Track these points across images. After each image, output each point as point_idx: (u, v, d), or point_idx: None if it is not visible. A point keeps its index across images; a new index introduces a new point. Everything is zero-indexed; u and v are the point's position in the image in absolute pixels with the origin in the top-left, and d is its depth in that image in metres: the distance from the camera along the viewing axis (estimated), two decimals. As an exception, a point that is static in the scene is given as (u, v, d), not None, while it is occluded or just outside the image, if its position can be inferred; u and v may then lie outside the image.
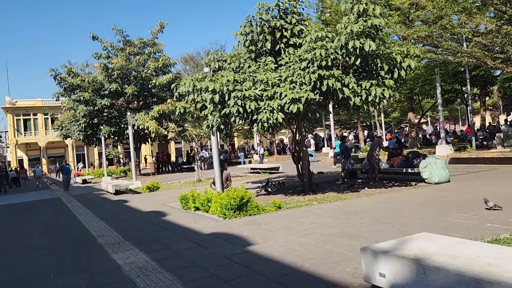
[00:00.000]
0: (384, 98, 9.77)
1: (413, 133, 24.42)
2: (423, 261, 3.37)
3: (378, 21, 9.33)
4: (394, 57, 10.09)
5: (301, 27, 11.01)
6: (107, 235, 8.21)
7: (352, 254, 5.21)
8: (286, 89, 9.29)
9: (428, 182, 11.40)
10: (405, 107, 32.18)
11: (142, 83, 28.16)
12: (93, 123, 28.04)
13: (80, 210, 12.93)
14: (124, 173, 32.59)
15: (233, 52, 12.20)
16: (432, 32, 16.80)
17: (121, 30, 28.24)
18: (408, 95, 23.69)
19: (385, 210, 8.03)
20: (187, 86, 10.99)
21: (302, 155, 11.73)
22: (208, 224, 8.23)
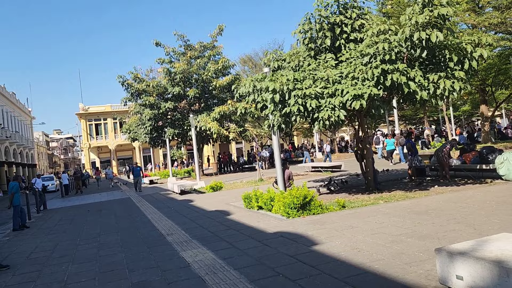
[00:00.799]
0: (454, 91, 9.22)
1: (487, 126, 22.86)
2: (505, 263, 3.13)
3: (446, 10, 8.83)
4: (464, 47, 9.50)
5: (361, 21, 10.72)
6: (175, 233, 8.53)
7: (424, 256, 4.98)
8: (347, 85, 9.08)
9: (505, 179, 10.63)
10: (477, 100, 30.19)
11: (203, 86, 28.96)
12: (158, 126, 29.30)
13: (149, 209, 13.55)
14: (188, 173, 33.70)
15: (292, 51, 12.16)
16: (505, 18, 15.62)
17: (182, 35, 29.24)
18: (480, 86, 22.22)
19: (458, 209, 7.59)
20: (247, 86, 11.11)
21: (365, 153, 11.42)
22: (271, 223, 8.27)
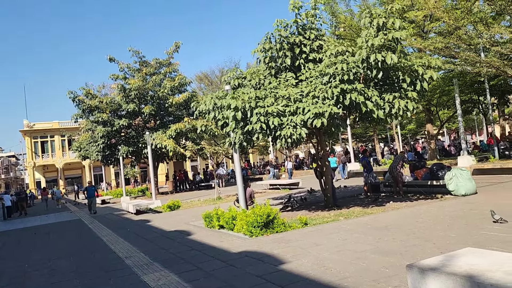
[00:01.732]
0: (408, 111, 9.68)
1: (432, 144, 24.10)
2: (476, 278, 3.25)
3: (399, 34, 9.31)
4: (416, 69, 10.02)
5: (320, 42, 11.06)
6: (134, 256, 8.19)
7: (390, 272, 5.08)
8: (308, 104, 9.27)
9: (454, 194, 11.18)
10: (422, 119, 31.87)
11: (159, 103, 28.51)
12: (111, 144, 28.37)
13: (103, 231, 12.96)
14: (142, 192, 32.74)
15: (253, 69, 12.28)
16: (448, 43, 16.70)
17: (137, 51, 28.78)
18: (426, 106, 23.49)
19: (415, 225, 7.86)
20: (208, 104, 11.06)
21: (325, 170, 11.63)
22: (235, 243, 8.15)
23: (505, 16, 16.78)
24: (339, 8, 23.10)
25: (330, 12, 23.05)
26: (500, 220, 7.09)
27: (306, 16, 11.26)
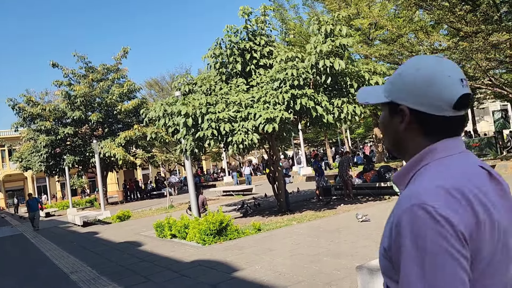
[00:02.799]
0: (356, 115, 9.96)
1: (380, 147, 25.03)
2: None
3: (346, 40, 9.58)
4: (362, 75, 10.35)
5: (270, 48, 11.15)
6: (80, 270, 7.77)
7: (341, 274, 5.15)
8: (260, 109, 9.29)
9: (401, 195, 11.60)
10: (369, 123, 33.07)
11: (107, 110, 27.53)
12: (56, 153, 26.99)
13: (47, 245, 12.24)
14: (90, 203, 31.44)
15: (203, 75, 12.17)
16: (392, 50, 17.46)
17: (83, 57, 27.66)
18: (373, 111, 24.37)
19: (365, 226, 8.06)
20: (158, 111, 10.82)
21: (277, 175, 11.70)
22: (187, 252, 7.96)
23: (443, 25, 17.80)
24: (289, 15, 23.53)
25: (280, 19, 23.42)
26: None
27: (256, 22, 11.33)
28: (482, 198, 0.91)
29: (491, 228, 0.90)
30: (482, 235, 0.88)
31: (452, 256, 0.84)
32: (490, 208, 0.91)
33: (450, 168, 0.96)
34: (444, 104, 0.97)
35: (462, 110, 1.00)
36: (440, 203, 0.87)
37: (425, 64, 1.01)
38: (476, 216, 0.88)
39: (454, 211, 0.87)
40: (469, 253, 0.86)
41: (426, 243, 0.85)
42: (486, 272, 0.90)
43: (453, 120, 0.99)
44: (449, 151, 0.99)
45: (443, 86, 0.97)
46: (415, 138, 1.03)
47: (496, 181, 1.00)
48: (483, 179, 0.97)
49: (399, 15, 20.46)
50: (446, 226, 0.85)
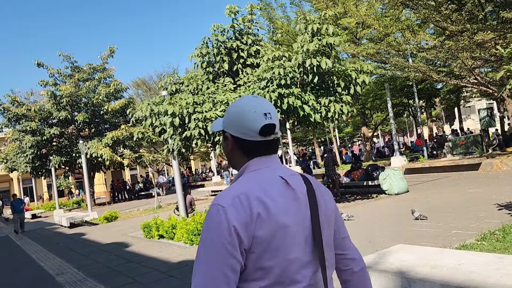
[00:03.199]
0: (343, 114, 9.99)
1: (368, 146, 25.19)
2: (406, 274, 3.35)
3: (333, 39, 9.60)
4: (349, 74, 10.38)
5: (257, 47, 11.13)
6: (66, 272, 7.67)
7: (328, 272, 5.14)
8: (247, 109, 9.26)
9: (388, 193, 11.69)
10: (358, 122, 33.28)
11: (93, 110, 27.23)
12: (42, 154, 26.62)
13: (33, 247, 12.07)
14: (77, 204, 31.11)
15: (190, 74, 12.10)
16: (379, 49, 17.57)
17: (69, 56, 27.31)
18: (361, 110, 24.53)
19: (353, 224, 8.09)
20: (144, 110, 10.71)
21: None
22: (175, 252, 7.91)
23: (429, 24, 17.98)
24: (276, 14, 23.56)
25: (268, 18, 23.43)
26: (420, 217, 7.53)
27: (243, 21, 11.30)
28: (265, 199, 1.22)
29: (269, 221, 1.20)
30: (258, 226, 1.18)
31: (224, 244, 1.16)
32: (271, 207, 1.21)
33: (251, 179, 1.29)
34: (252, 132, 1.31)
35: (267, 136, 1.33)
36: (226, 202, 1.21)
37: (239, 102, 1.37)
38: (253, 212, 1.19)
39: (234, 209, 1.19)
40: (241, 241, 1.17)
41: (210, 228, 1.20)
42: (267, 252, 1.19)
43: (262, 143, 1.34)
44: (258, 166, 1.33)
45: (250, 119, 1.31)
46: (238, 157, 1.38)
47: (291, 188, 1.29)
48: (276, 186, 1.27)
49: (386, 14, 20.63)
50: (223, 220, 1.18)
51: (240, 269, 1.19)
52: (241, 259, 1.18)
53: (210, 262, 1.17)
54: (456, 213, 7.66)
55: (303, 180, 1.35)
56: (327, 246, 1.32)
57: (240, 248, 1.18)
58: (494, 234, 5.56)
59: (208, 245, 1.19)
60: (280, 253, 1.21)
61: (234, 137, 1.35)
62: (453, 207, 8.36)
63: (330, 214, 1.37)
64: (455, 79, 17.16)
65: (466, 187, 11.11)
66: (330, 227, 1.37)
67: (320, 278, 1.29)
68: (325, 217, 1.34)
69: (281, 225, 1.22)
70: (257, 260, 1.19)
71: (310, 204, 1.31)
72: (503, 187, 10.12)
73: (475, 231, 6.00)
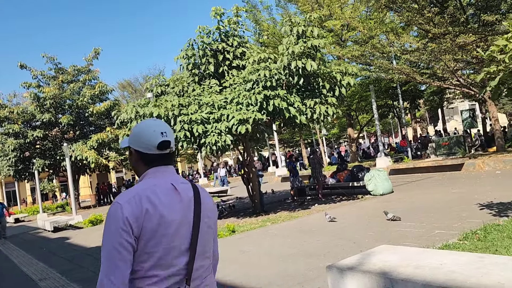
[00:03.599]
0: (328, 115, 10.06)
1: (353, 147, 25.38)
2: (389, 274, 3.39)
3: (318, 41, 9.67)
4: (334, 76, 10.46)
5: (243, 49, 11.14)
6: (49, 278, 7.55)
7: (313, 274, 5.18)
8: (233, 110, 9.27)
9: (373, 194, 11.80)
10: (344, 123, 33.52)
11: (78, 112, 26.90)
12: (25, 157, 26.18)
13: (15, 252, 11.86)
14: (62, 207, 30.67)
15: (176, 76, 12.05)
16: (364, 51, 17.75)
17: (52, 58, 26.93)
18: (346, 111, 24.72)
19: (338, 225, 8.15)
20: (129, 112, 10.63)
21: (251, 176, 11.69)
22: (160, 255, 7.85)
23: (413, 26, 18.23)
24: (262, 16, 23.62)
25: (254, 20, 23.46)
26: (393, 218, 7.69)
27: (229, 23, 11.30)
28: (153, 199, 1.57)
29: (155, 216, 1.54)
30: (146, 219, 1.53)
31: (119, 231, 1.50)
32: (158, 205, 1.56)
33: (146, 183, 1.64)
34: (152, 147, 1.67)
35: (164, 150, 1.69)
36: (122, 200, 1.55)
37: (142, 124, 1.74)
38: (142, 207, 1.53)
39: (129, 205, 1.53)
40: (132, 229, 1.51)
41: (110, 218, 1.54)
42: (151, 241, 1.53)
43: (160, 156, 1.69)
44: (154, 174, 1.68)
45: (149, 136, 1.68)
46: (140, 167, 1.73)
47: (177, 192, 1.64)
48: (165, 190, 1.63)
49: (370, 17, 20.84)
50: (120, 214, 1.52)
51: (133, 250, 1.52)
52: (134, 243, 1.52)
53: (110, 242, 1.52)
54: (439, 213, 7.77)
55: (192, 188, 1.72)
56: (204, 244, 1.68)
57: (133, 235, 1.52)
58: (475, 233, 5.66)
59: (108, 230, 1.53)
60: (162, 242, 1.55)
61: (137, 151, 1.71)
62: (436, 207, 8.48)
63: (212, 218, 1.76)
64: (438, 80, 17.43)
65: (449, 187, 11.28)
66: (209, 228, 1.74)
67: (200, 266, 1.65)
68: (207, 219, 1.71)
69: (165, 220, 1.56)
70: (144, 246, 1.53)
71: (194, 207, 1.66)
72: (485, 187, 10.31)
73: (458, 231, 6.09)
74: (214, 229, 1.81)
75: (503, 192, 8.89)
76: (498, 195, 8.67)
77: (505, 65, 5.19)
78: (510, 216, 6.55)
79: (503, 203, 7.67)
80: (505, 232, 5.44)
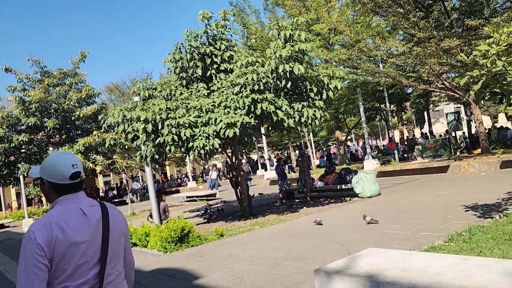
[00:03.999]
0: (316, 119, 10.12)
1: (341, 150, 25.54)
2: (375, 277, 3.42)
3: (305, 45, 9.73)
4: (321, 79, 10.53)
5: (230, 53, 11.15)
6: (34, 284, 7.42)
7: (301, 277, 5.19)
8: (220, 114, 9.26)
9: (361, 196, 11.88)
10: (332, 126, 33.73)
11: (64, 116, 26.60)
12: (10, 161, 25.79)
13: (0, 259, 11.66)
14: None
15: (163, 80, 12.01)
16: (351, 55, 17.91)
17: (38, 61, 26.63)
18: (334, 114, 24.88)
19: (326, 228, 8.19)
20: (116, 116, 10.56)
21: (240, 180, 11.68)
22: (148, 261, 7.80)
23: (399, 31, 18.46)
24: (250, 20, 23.67)
25: (241, 23, 23.51)
26: (371, 221, 7.82)
27: (216, 27, 11.31)
28: (63, 225, 1.81)
29: (65, 241, 1.80)
30: (57, 244, 1.78)
31: (34, 255, 1.75)
32: (67, 231, 1.81)
33: (57, 210, 1.89)
34: (63, 178, 1.92)
35: (75, 180, 1.95)
36: (35, 229, 1.80)
37: (53, 158, 1.98)
38: (53, 234, 1.78)
39: (41, 232, 1.78)
40: (45, 253, 1.76)
41: (25, 244, 1.79)
42: (63, 260, 1.80)
43: (70, 185, 1.94)
44: (64, 202, 1.93)
45: (62, 168, 1.92)
46: (52, 194, 1.96)
47: (86, 216, 1.90)
48: (74, 215, 1.88)
49: (357, 21, 21.06)
50: (33, 240, 1.77)
51: (47, 270, 1.79)
52: (47, 264, 1.78)
53: (26, 264, 1.76)
54: (425, 215, 7.87)
55: (101, 210, 1.97)
56: (114, 254, 1.97)
57: (46, 257, 1.77)
58: (461, 235, 5.74)
59: (24, 254, 1.78)
60: (73, 261, 1.83)
61: (49, 182, 1.95)
62: (422, 209, 8.58)
63: (120, 232, 2.03)
64: (424, 84, 17.66)
65: (435, 189, 11.42)
66: (120, 242, 2.02)
67: (110, 273, 1.94)
68: (115, 235, 1.98)
69: (73, 243, 1.82)
70: (57, 265, 1.81)
71: (103, 224, 1.94)
72: (470, 188, 10.46)
73: (443, 233, 6.17)
74: (126, 239, 2.12)
75: (487, 194, 9.04)
76: (482, 196, 8.81)
77: (487, 70, 5.29)
78: (494, 217, 6.66)
79: (487, 205, 7.79)
80: (489, 234, 5.52)
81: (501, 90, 5.34)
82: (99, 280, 1.89)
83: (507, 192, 8.87)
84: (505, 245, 4.95)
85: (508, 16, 13.42)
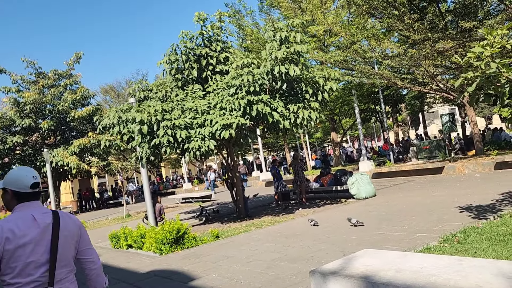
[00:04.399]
0: (312, 120, 10.13)
1: (337, 151, 25.59)
2: (371, 278, 3.43)
3: (300, 47, 9.75)
4: (317, 81, 10.55)
5: (226, 54, 11.16)
6: None
7: (297, 278, 5.20)
8: (216, 115, 9.26)
9: (356, 197, 11.91)
10: (327, 128, 33.79)
11: (59, 117, 26.46)
12: (4, 163, 25.63)
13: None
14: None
15: (159, 81, 12.00)
16: (346, 57, 17.96)
17: (33, 62, 26.46)
18: (330, 116, 24.93)
19: (321, 230, 8.20)
20: (112, 118, 10.53)
21: (235, 181, 11.68)
22: (143, 262, 7.78)
23: (394, 32, 18.54)
24: (246, 21, 23.67)
25: (237, 25, 23.51)
26: (357, 223, 7.88)
27: (212, 28, 11.32)
28: (14, 229, 2.15)
29: (13, 241, 2.12)
30: (6, 244, 2.11)
31: None
32: (16, 233, 2.14)
33: (13, 216, 2.24)
34: (25, 187, 2.29)
35: (34, 189, 2.32)
36: None
37: (16, 171, 2.35)
38: (3, 236, 2.11)
39: None
40: None
41: None
42: (12, 259, 2.12)
43: (29, 194, 2.31)
44: (21, 208, 2.28)
45: (23, 179, 2.31)
46: (13, 202, 2.31)
47: (36, 221, 2.23)
48: (25, 220, 2.21)
49: (352, 22, 21.13)
50: None
51: None
52: None
53: None
54: (420, 216, 7.90)
55: (52, 216, 2.30)
56: (64, 256, 2.28)
57: None
58: (455, 236, 5.77)
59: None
60: (20, 259, 2.13)
61: (12, 191, 2.29)
62: (417, 210, 8.61)
63: (70, 236, 2.34)
64: (419, 85, 17.74)
65: (430, 190, 11.47)
66: (69, 244, 2.33)
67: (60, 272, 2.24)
68: (64, 238, 2.28)
69: (21, 244, 2.14)
70: (7, 263, 2.12)
71: (53, 229, 2.25)
72: (465, 190, 10.52)
73: (438, 234, 6.20)
74: (82, 242, 2.42)
75: (482, 195, 9.09)
76: (477, 198, 8.86)
77: (481, 71, 5.33)
78: (488, 218, 6.70)
79: (482, 206, 7.84)
80: (484, 235, 5.56)
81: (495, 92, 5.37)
82: (49, 277, 2.17)
83: (501, 193, 8.93)
84: (499, 246, 4.98)
85: (502, 18, 13.51)
